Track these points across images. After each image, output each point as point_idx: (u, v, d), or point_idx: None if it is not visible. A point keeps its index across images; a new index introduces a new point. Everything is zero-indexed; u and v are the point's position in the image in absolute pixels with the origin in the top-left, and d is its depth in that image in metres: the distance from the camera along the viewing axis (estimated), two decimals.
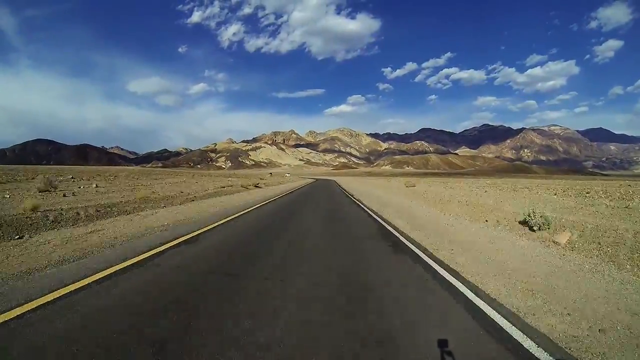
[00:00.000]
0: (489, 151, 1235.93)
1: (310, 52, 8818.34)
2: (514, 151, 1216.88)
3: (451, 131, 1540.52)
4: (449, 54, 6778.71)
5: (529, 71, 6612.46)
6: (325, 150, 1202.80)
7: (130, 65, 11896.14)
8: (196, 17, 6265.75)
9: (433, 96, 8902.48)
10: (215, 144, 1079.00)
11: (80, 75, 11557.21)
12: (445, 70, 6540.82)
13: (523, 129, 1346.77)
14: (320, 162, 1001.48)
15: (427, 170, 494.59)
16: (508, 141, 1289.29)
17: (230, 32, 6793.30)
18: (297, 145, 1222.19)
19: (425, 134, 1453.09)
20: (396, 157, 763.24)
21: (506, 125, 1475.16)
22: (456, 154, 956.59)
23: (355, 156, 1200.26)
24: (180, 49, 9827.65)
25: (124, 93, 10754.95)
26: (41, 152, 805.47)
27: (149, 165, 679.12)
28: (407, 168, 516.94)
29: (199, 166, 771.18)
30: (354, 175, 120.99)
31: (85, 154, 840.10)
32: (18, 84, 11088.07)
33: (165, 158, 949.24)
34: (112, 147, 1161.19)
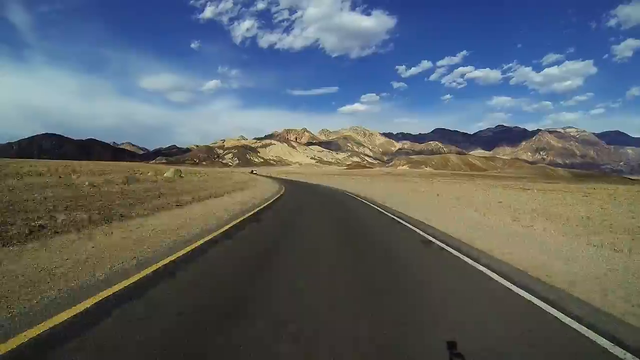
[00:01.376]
0: (504, 153, 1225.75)
1: (324, 49, 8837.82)
2: (529, 153, 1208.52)
3: (465, 132, 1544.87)
4: (464, 52, 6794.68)
5: (545, 70, 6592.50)
6: (338, 149, 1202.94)
7: (142, 62, 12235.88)
8: (209, 12, 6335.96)
9: (448, 95, 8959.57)
10: (224, 140, 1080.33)
11: (93, 71, 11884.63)
12: (461, 69, 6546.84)
13: (539, 130, 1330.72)
14: (333, 160, 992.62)
15: (447, 170, 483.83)
16: (523, 143, 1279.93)
17: (244, 28, 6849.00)
18: (309, 144, 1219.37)
19: (439, 134, 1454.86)
20: (414, 157, 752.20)
21: (521, 126, 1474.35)
22: (471, 155, 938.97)
23: (368, 155, 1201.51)
24: (192, 45, 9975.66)
25: (137, 89, 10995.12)
26: (45, 146, 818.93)
27: (152, 161, 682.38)
28: (426, 169, 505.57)
29: (204, 163, 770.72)
30: (371, 176, 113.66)
31: (89, 149, 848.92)
32: (32, 80, 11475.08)
33: (173, 154, 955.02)
34: (122, 143, 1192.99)
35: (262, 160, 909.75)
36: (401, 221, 11.89)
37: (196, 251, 6.84)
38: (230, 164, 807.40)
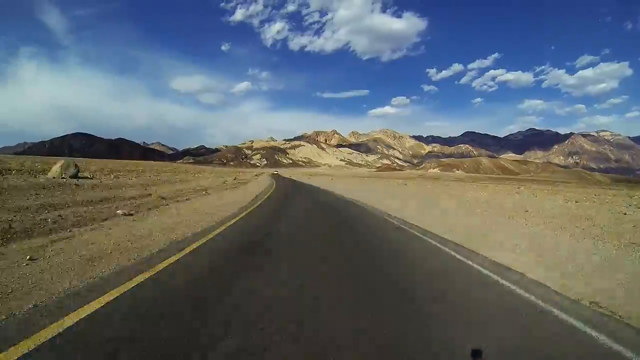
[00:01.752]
0: (535, 157, 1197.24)
1: (355, 51, 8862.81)
2: (561, 157, 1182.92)
3: (496, 135, 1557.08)
4: (495, 55, 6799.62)
5: (579, 73, 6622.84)
6: (368, 151, 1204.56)
7: (174, 63, 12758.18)
8: (239, 15, 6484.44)
9: (478, 99, 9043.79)
10: (252, 141, 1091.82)
11: (125, 73, 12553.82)
12: (492, 72, 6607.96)
13: (571, 134, 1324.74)
14: (362, 163, 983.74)
15: (480, 174, 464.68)
16: (556, 147, 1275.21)
17: (274, 30, 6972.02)
18: (339, 146, 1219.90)
19: (470, 137, 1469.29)
20: (444, 160, 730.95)
21: (553, 130, 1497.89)
22: (502, 158, 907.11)
23: (398, 158, 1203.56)
24: (223, 47, 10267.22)
25: (168, 90, 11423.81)
26: (75, 145, 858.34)
27: (180, 161, 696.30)
28: (458, 172, 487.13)
29: (231, 163, 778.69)
30: (403, 179, 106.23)
31: (118, 149, 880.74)
32: (66, 81, 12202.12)
33: (201, 154, 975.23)
34: (152, 143, 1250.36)
35: (290, 161, 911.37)
36: None
37: None
38: (258, 164, 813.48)
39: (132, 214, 10.96)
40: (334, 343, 3.22)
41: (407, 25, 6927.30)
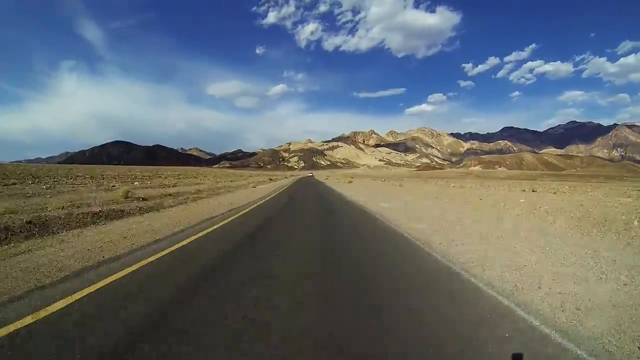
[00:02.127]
0: (577, 150, 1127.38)
1: (389, 49, 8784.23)
2: (605, 150, 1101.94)
3: (535, 129, 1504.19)
4: (533, 46, 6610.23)
5: (621, 60, 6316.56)
6: (406, 151, 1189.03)
7: (209, 69, 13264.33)
8: (272, 17, 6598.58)
9: (516, 92, 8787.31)
10: (290, 144, 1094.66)
11: (162, 81, 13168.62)
12: (529, 64, 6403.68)
13: (615, 125, 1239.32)
14: (402, 162, 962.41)
15: (523, 170, 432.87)
16: (599, 139, 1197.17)
17: (308, 31, 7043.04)
18: (377, 146, 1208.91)
19: (508, 132, 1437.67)
20: (485, 156, 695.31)
21: (595, 121, 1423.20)
22: (546, 153, 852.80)
23: (436, 156, 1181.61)
24: (257, 51, 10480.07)
25: (204, 96, 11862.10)
26: (114, 153, 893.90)
27: (216, 165, 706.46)
28: (500, 169, 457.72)
29: (268, 166, 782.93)
30: (449, 178, 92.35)
31: (155, 155, 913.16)
32: (105, 91, 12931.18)
33: (238, 158, 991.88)
34: (190, 149, 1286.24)
35: (328, 163, 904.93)
36: None
37: None
38: (295, 167, 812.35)
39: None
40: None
41: (441, 19, 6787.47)
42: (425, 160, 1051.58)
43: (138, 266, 5.11)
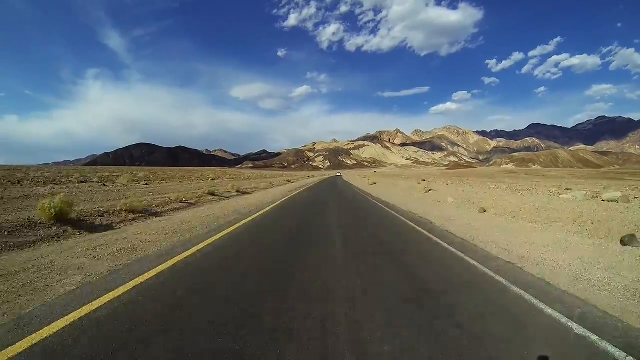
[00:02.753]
0: (608, 147, 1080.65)
1: (412, 48, 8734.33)
2: (637, 146, 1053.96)
3: (563, 126, 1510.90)
4: (558, 39, 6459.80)
5: None
6: (433, 149, 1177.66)
7: (232, 73, 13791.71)
8: (293, 20, 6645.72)
9: (542, 88, 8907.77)
10: (315, 143, 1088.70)
11: (186, 85, 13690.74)
12: (555, 58, 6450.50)
13: None
14: (430, 161, 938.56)
15: (559, 168, 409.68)
16: (630, 135, 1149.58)
17: (329, 32, 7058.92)
18: (402, 145, 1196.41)
19: (535, 129, 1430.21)
20: (516, 154, 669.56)
21: (625, 116, 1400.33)
22: (582, 150, 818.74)
23: (463, 155, 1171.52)
24: (279, 53, 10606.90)
25: (228, 99, 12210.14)
26: (136, 154, 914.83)
27: (238, 166, 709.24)
28: (535, 167, 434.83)
29: (292, 166, 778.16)
30: (493, 178, 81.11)
31: (177, 156, 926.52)
32: (131, 97, 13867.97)
33: (263, 159, 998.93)
34: (215, 150, 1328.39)
35: (355, 162, 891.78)
36: None
37: None
38: (321, 166, 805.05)
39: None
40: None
41: (464, 16, 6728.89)
42: (453, 158, 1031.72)
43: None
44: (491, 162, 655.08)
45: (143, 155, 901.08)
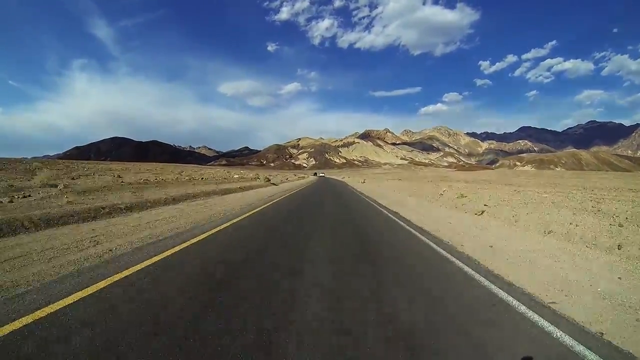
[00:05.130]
0: (600, 151, 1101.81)
1: (405, 46, 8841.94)
2: (630, 151, 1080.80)
3: (553, 129, 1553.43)
4: (553, 43, 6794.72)
5: None
6: (425, 149, 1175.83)
7: (220, 68, 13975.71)
8: (285, 13, 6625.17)
9: (533, 92, 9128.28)
10: (299, 139, 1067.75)
11: (173, 80, 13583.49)
12: (548, 61, 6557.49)
13: (638, 125, 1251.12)
14: (426, 161, 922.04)
15: (584, 170, 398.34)
16: (621, 140, 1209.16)
17: (322, 28, 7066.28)
18: (393, 144, 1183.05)
19: (526, 132, 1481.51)
20: (536, 154, 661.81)
21: (615, 121, 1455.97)
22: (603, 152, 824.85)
23: (458, 156, 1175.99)
24: (269, 48, 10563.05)
25: (216, 95, 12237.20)
26: (103, 149, 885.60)
27: (210, 163, 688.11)
28: (557, 169, 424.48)
29: (272, 164, 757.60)
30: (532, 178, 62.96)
31: (147, 151, 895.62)
32: (117, 90, 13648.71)
33: (245, 155, 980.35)
34: (199, 147, 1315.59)
35: (344, 161, 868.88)
36: None
37: None
38: (304, 165, 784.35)
39: None
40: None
41: (460, 16, 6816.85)
42: (450, 159, 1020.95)
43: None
44: (498, 164, 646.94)
45: (110, 149, 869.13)
